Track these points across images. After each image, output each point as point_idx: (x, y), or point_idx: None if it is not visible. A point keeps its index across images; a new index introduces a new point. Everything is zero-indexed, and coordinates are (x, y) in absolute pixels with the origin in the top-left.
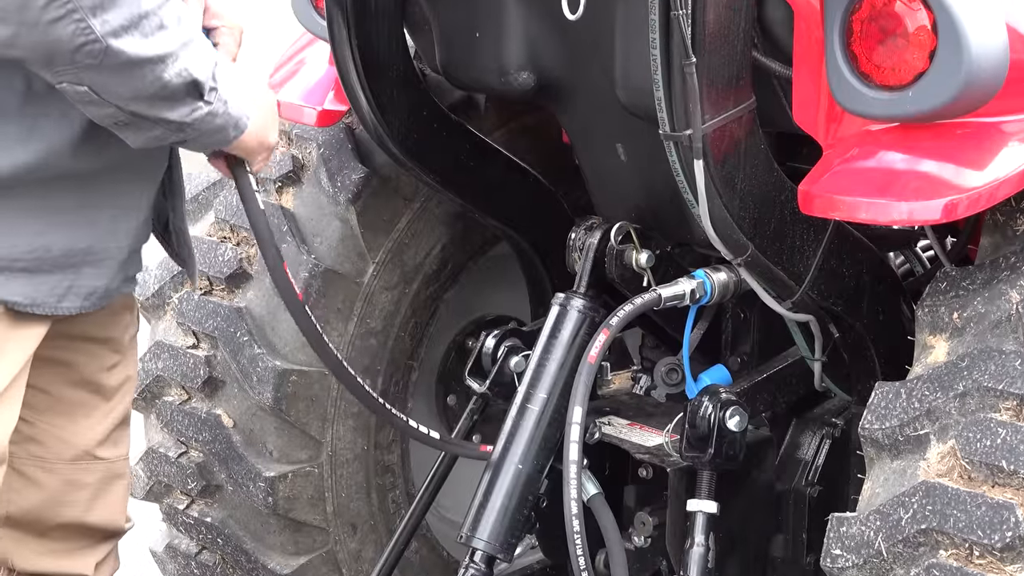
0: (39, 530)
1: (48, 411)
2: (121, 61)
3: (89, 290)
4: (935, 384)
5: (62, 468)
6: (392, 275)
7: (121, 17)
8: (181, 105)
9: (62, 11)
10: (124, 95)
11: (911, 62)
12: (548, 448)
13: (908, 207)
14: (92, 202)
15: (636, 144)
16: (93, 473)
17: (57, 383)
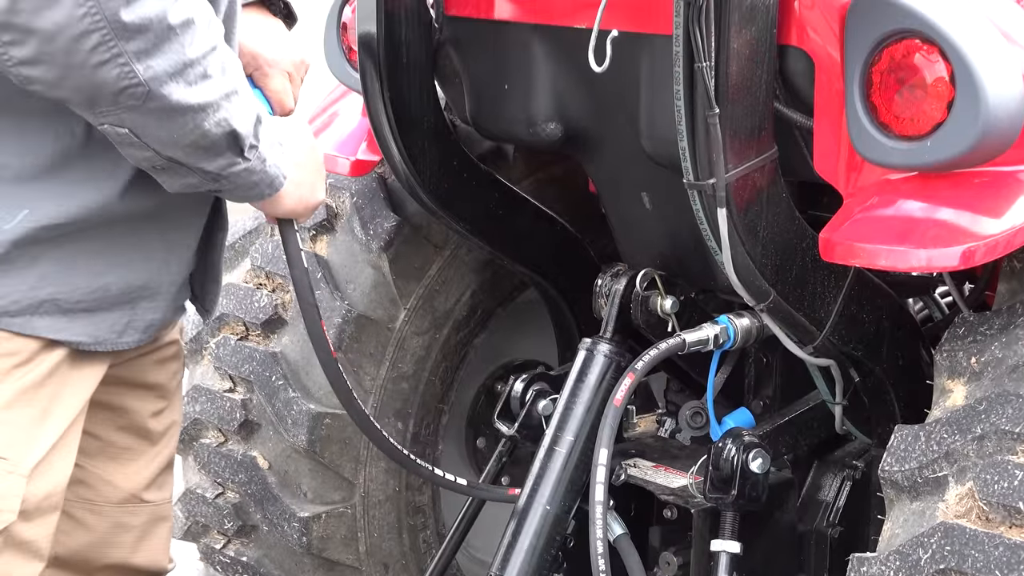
0: (86, 570)
1: (98, 455)
2: (162, 106)
3: (146, 324)
4: (953, 427)
5: (110, 511)
6: (423, 321)
7: (166, 63)
8: (219, 157)
9: (107, 55)
10: (163, 140)
11: (929, 112)
12: (575, 489)
13: (927, 254)
14: (145, 241)
15: (661, 193)
16: (139, 516)
17: (107, 428)
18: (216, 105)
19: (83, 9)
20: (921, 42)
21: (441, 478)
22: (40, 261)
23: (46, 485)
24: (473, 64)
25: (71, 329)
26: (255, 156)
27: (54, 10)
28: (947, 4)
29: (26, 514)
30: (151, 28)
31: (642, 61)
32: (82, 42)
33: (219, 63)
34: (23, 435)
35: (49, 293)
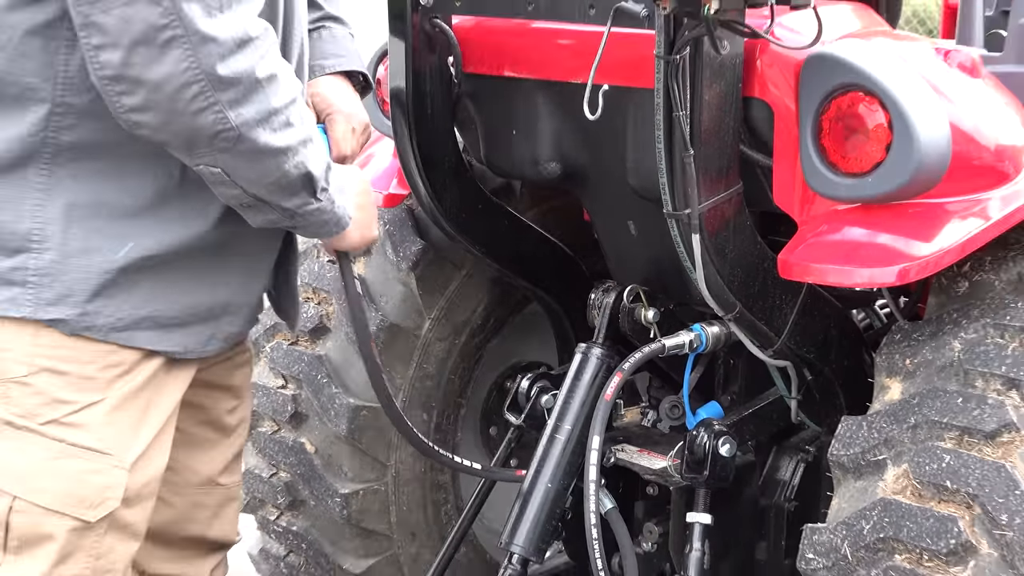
0: (167, 541)
1: (181, 445)
2: (251, 148)
3: (227, 335)
4: (891, 418)
5: (190, 492)
6: (444, 329)
7: (254, 111)
8: (295, 196)
9: (205, 103)
10: (250, 179)
11: (871, 153)
12: (572, 470)
13: (869, 272)
14: (229, 267)
15: (644, 221)
16: (214, 496)
17: (189, 422)
18: (295, 149)
19: (185, 64)
20: (864, 94)
21: (460, 464)
22: (142, 285)
23: (144, 476)
24: (486, 113)
25: (166, 341)
26: (326, 197)
27: (161, 65)
28: (885, 62)
29: (128, 501)
30: (242, 81)
31: (628, 111)
32: (184, 92)
33: (298, 113)
34: (126, 434)
35: (149, 311)
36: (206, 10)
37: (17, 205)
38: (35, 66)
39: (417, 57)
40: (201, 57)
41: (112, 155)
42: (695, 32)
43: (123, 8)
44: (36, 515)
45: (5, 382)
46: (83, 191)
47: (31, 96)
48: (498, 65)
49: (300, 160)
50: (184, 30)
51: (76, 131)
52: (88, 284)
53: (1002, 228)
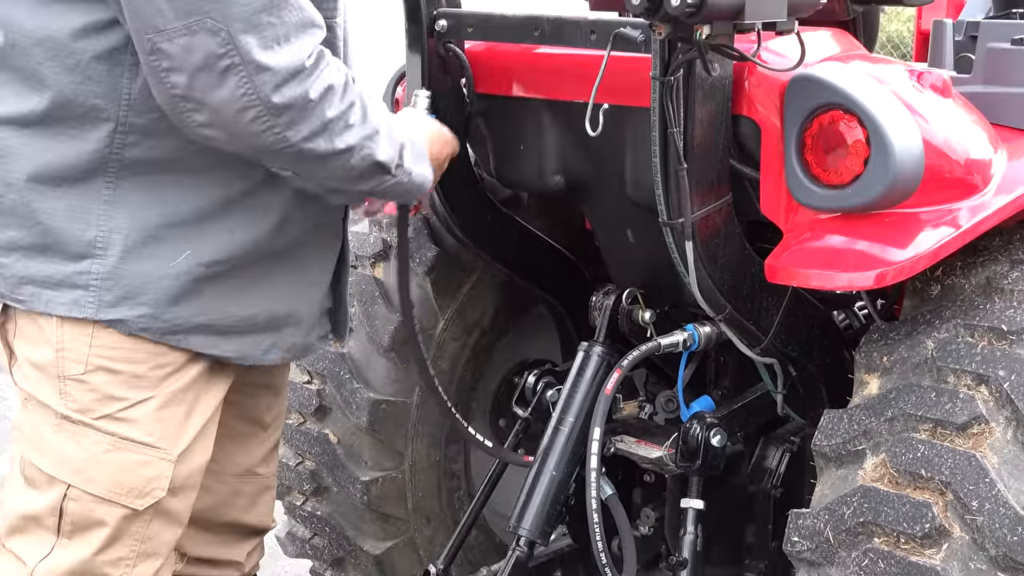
0: (207, 526)
1: (223, 438)
2: (313, 156)
3: (289, 345)
4: (870, 411)
5: (229, 480)
6: (457, 328)
7: (310, 127)
8: (369, 180)
9: (264, 126)
10: (320, 177)
11: (850, 167)
12: (575, 459)
13: (849, 276)
14: (286, 277)
15: (642, 229)
16: (252, 485)
17: (230, 417)
18: (359, 146)
19: (242, 90)
20: (844, 112)
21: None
22: (200, 293)
23: (189, 468)
24: (496, 130)
25: (222, 346)
26: (401, 172)
27: (221, 90)
28: (863, 83)
29: (173, 491)
30: (295, 105)
31: (627, 128)
32: (243, 115)
33: (359, 113)
34: (173, 429)
35: (205, 320)
36: (262, 42)
37: (85, 215)
38: (101, 88)
39: (433, 79)
40: (257, 85)
41: (173, 170)
42: (688, 55)
43: (186, 38)
44: (88, 503)
45: (64, 379)
46: (145, 203)
47: (97, 116)
48: (507, 86)
49: (366, 153)
50: (241, 59)
51: (139, 148)
52: (147, 288)
53: (972, 236)
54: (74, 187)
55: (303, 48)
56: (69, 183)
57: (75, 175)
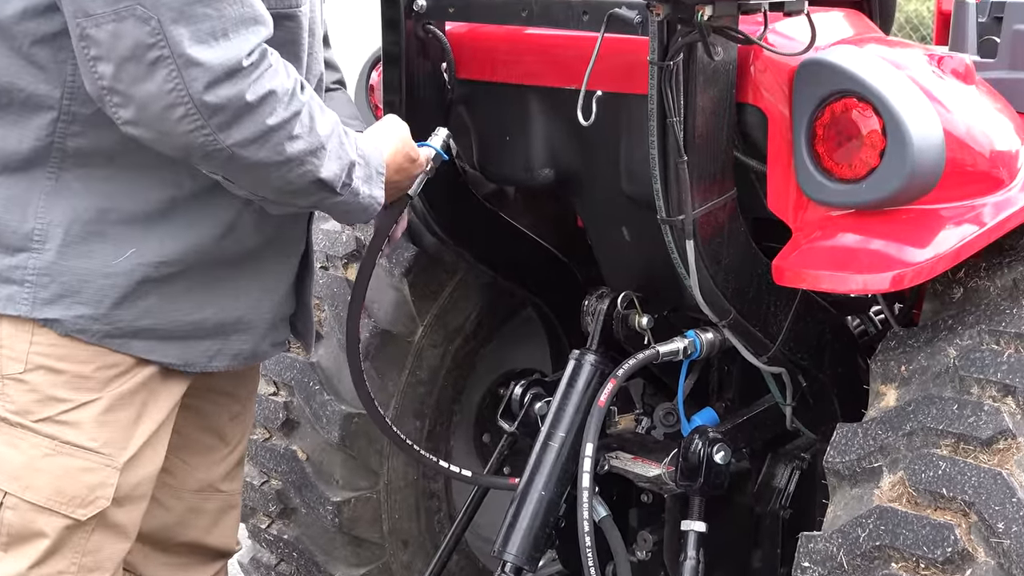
0: (164, 546)
1: (181, 449)
2: (246, 164)
3: (235, 352)
4: (887, 425)
5: (188, 496)
6: (437, 335)
7: (246, 132)
8: (309, 197)
9: (193, 126)
10: (254, 186)
11: (865, 159)
12: (566, 478)
13: (863, 279)
14: (240, 282)
15: (638, 227)
16: (213, 503)
17: (191, 427)
18: (299, 160)
19: (171, 85)
20: (857, 100)
21: (451, 470)
22: (143, 295)
23: (136, 477)
24: (480, 119)
25: (163, 351)
26: (348, 192)
27: (147, 83)
28: (879, 68)
29: (118, 501)
30: (229, 107)
31: (622, 116)
32: (170, 112)
33: (305, 124)
34: (119, 434)
35: (148, 324)
36: (195, 35)
37: (23, 206)
38: (44, 75)
39: (410, 63)
40: (187, 81)
41: (119, 163)
42: (688, 38)
43: (114, 24)
44: (27, 512)
45: (2, 378)
46: (89, 196)
47: (39, 103)
48: (491, 71)
49: (308, 169)
50: (170, 51)
51: (83, 138)
52: (87, 287)
53: (997, 234)
54: (13, 176)
55: (242, 45)
56: (8, 172)
57: (15, 164)
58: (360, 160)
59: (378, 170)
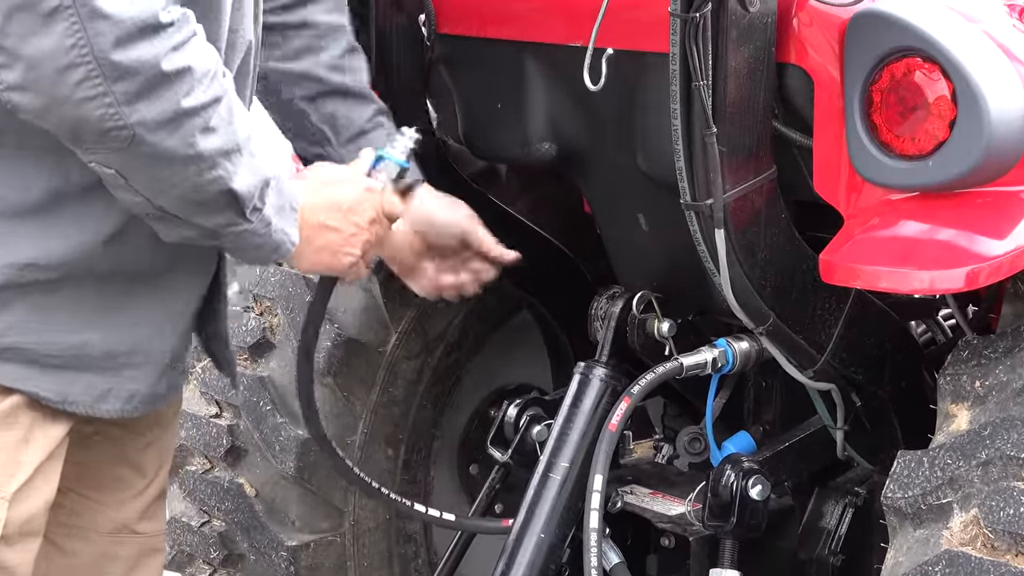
0: None
1: (86, 485)
2: (150, 152)
3: (129, 394)
4: (958, 453)
5: (99, 540)
6: (414, 344)
7: (156, 110)
8: (216, 214)
9: (93, 92)
10: (152, 187)
11: (931, 131)
12: (570, 517)
13: (929, 276)
14: (136, 302)
15: (657, 214)
16: (129, 547)
17: (95, 456)
18: (212, 160)
19: (72, 40)
20: (922, 60)
21: (428, 515)
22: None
23: (27, 511)
24: (466, 83)
25: (36, 381)
26: (258, 219)
27: (42, 38)
28: (948, 21)
29: (7, 539)
30: (141, 72)
31: (638, 80)
32: (67, 75)
33: (222, 117)
34: (4, 459)
35: (13, 341)
36: None
37: None
38: None
39: (381, 16)
40: (91, 35)
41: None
42: None
43: None
44: None
45: None
46: None
47: None
48: (480, 25)
49: (219, 174)
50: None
51: None
52: None
53: None
54: None
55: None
56: None
57: None
58: (274, 183)
59: (291, 203)
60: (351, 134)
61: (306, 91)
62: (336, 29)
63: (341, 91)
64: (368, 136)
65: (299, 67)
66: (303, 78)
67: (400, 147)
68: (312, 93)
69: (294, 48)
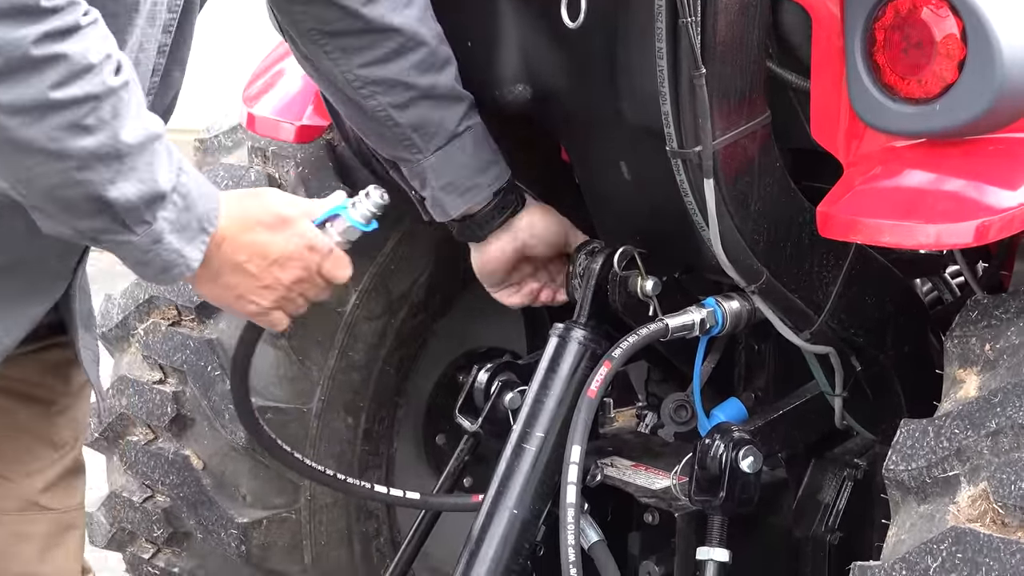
0: None
1: None
2: (5, 138)
3: None
4: (965, 421)
5: (6, 520)
6: (376, 304)
7: (14, 95)
8: (85, 219)
9: None
10: (10, 174)
11: (939, 73)
12: (545, 491)
13: (936, 230)
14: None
15: (641, 162)
16: (41, 524)
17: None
18: (80, 162)
19: None
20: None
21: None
22: None
23: None
24: None
25: None
26: (145, 233)
27: None
28: None
29: None
30: (3, 51)
31: (620, 16)
32: None
33: (102, 118)
34: None
35: None
36: None
37: None
38: None
39: None
40: None
41: None
42: None
43: None
44: None
45: None
46: None
47: None
48: None
49: (88, 179)
50: None
51: None
52: None
53: None
54: None
55: None
56: None
57: None
58: (177, 199)
59: (203, 225)
60: (441, 141)
61: (395, 98)
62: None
63: (431, 95)
64: (456, 143)
65: (386, 73)
66: (393, 84)
67: (361, 210)
68: (403, 100)
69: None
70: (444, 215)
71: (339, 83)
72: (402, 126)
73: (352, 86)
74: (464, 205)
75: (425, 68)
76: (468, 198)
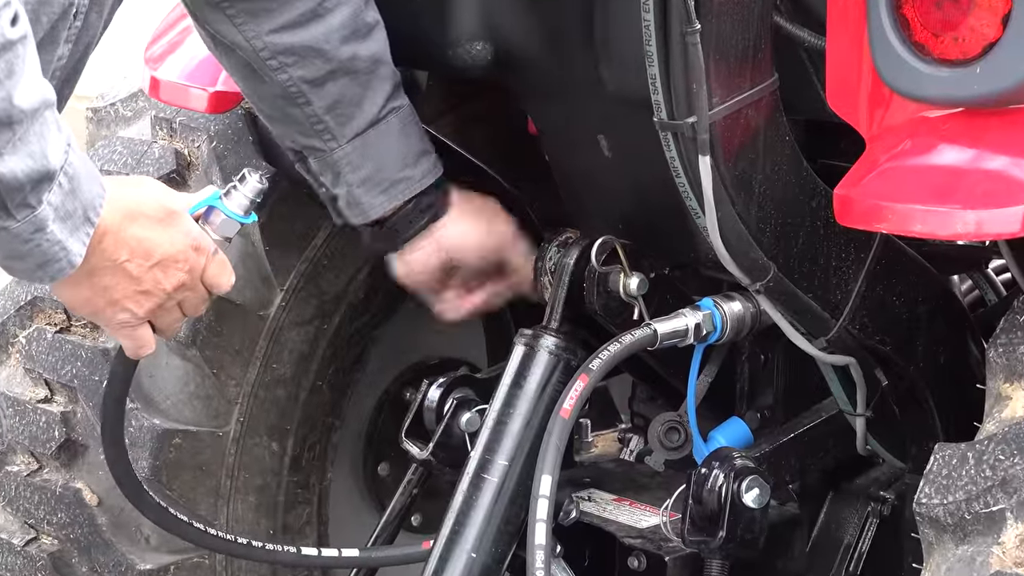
0: None
1: None
2: None
3: None
4: (1012, 446)
5: None
6: (306, 307)
7: None
8: None
9: None
10: None
11: (979, 30)
12: (510, 531)
13: (976, 217)
14: None
15: (624, 136)
16: None
17: None
18: None
19: None
20: None
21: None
22: None
23: None
24: None
25: None
26: (26, 219)
27: None
28: None
29: None
30: None
31: None
32: None
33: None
34: None
35: None
36: None
37: None
38: None
39: None
40: None
41: None
42: None
43: None
44: None
45: None
46: None
47: None
48: None
49: None
50: None
51: None
52: None
53: None
54: None
55: None
56: None
57: None
58: (64, 180)
59: (88, 214)
60: (361, 126)
61: (309, 71)
62: None
63: (350, 68)
64: (379, 128)
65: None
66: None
67: (238, 199)
68: (319, 74)
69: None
70: (362, 216)
71: (245, 52)
72: (314, 106)
73: (260, 56)
74: (389, 203)
75: (347, 34)
76: (393, 195)
